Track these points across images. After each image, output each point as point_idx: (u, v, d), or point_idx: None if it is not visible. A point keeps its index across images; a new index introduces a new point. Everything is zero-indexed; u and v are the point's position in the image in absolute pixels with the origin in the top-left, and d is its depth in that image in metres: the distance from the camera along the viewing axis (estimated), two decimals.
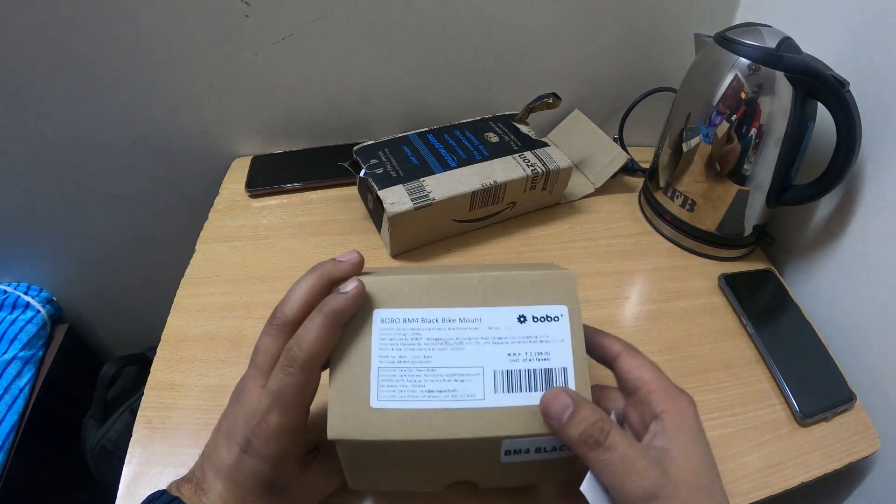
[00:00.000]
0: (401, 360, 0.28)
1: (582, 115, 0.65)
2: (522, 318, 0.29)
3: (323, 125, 0.64)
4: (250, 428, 0.27)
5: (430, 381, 0.28)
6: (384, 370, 0.28)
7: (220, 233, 0.54)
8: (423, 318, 0.29)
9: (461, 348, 0.29)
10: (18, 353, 0.70)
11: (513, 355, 0.29)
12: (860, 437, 0.42)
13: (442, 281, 0.30)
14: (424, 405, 0.27)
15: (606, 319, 0.49)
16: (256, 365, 0.29)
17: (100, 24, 0.52)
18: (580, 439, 0.26)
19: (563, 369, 0.29)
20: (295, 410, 0.27)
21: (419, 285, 0.30)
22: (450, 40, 0.58)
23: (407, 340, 0.29)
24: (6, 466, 0.63)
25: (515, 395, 0.28)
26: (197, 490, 0.28)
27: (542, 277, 0.31)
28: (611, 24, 0.59)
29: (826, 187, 0.46)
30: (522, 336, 0.29)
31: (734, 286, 0.51)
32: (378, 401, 0.27)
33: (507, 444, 0.28)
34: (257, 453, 0.27)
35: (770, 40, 0.45)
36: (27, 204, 0.67)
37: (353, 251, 0.31)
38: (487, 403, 0.28)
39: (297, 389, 0.27)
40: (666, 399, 0.29)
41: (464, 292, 0.30)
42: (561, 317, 0.30)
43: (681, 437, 0.27)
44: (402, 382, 0.28)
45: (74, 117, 0.59)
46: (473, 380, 0.28)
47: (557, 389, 0.28)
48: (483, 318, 0.29)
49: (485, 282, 0.30)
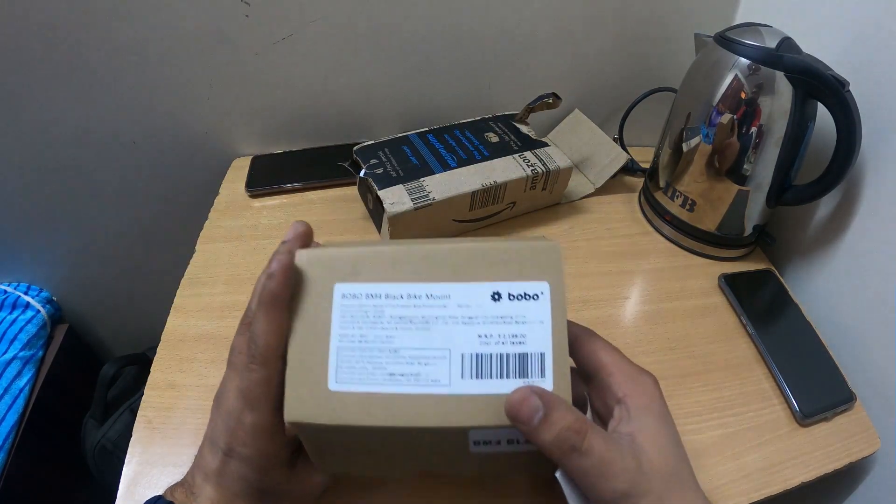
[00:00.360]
0: (362, 339, 0.26)
1: (582, 115, 0.65)
2: (497, 296, 0.26)
3: (323, 125, 0.64)
4: (229, 430, 0.27)
5: (392, 364, 0.26)
6: (344, 350, 0.26)
7: (220, 233, 0.54)
8: (387, 294, 0.26)
9: (427, 328, 0.26)
10: (18, 353, 0.70)
11: (484, 337, 0.26)
12: (860, 437, 0.42)
13: (409, 252, 0.27)
14: (385, 389, 0.25)
15: (606, 319, 0.49)
16: (232, 364, 0.29)
17: (100, 24, 0.52)
18: (553, 444, 0.24)
19: (539, 355, 0.26)
20: (265, 406, 0.27)
21: (384, 257, 0.27)
22: (450, 40, 0.58)
23: (369, 318, 0.26)
24: (6, 466, 0.63)
25: (485, 382, 0.25)
26: (189, 495, 0.28)
27: (522, 249, 0.27)
28: (611, 24, 0.59)
29: (826, 187, 0.46)
30: (496, 316, 0.26)
31: (734, 286, 0.51)
32: (336, 383, 0.25)
33: (475, 435, 0.26)
34: (238, 455, 0.27)
35: (770, 40, 0.45)
36: (27, 204, 0.67)
37: (297, 222, 0.29)
38: (453, 390, 0.25)
39: (263, 385, 0.26)
40: (626, 382, 0.28)
41: (433, 265, 0.27)
42: (541, 295, 0.26)
43: (646, 420, 0.27)
44: (362, 364, 0.26)
45: (75, 117, 0.59)
46: (439, 363, 0.26)
47: (524, 391, 0.25)
48: (452, 295, 0.26)
49: (457, 253, 0.27)
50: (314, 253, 0.27)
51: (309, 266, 0.27)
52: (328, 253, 0.27)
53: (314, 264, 0.27)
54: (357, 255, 0.27)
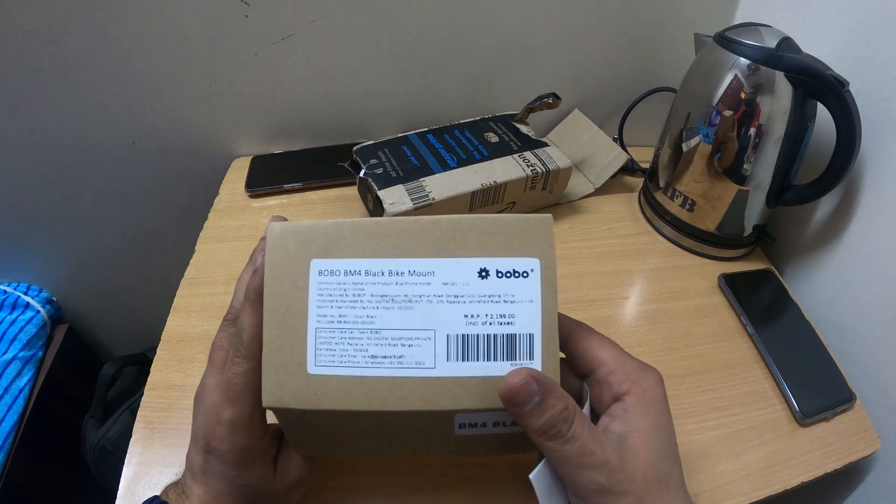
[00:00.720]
0: (341, 319, 0.25)
1: (582, 115, 0.65)
2: (484, 273, 0.25)
3: (323, 125, 0.64)
4: (208, 427, 0.27)
5: (374, 346, 0.24)
6: (322, 331, 0.25)
7: (220, 233, 0.54)
8: (367, 271, 0.25)
9: (410, 307, 0.25)
10: (18, 354, 0.70)
11: (470, 317, 0.25)
12: (860, 437, 0.42)
13: (390, 225, 0.25)
14: (367, 372, 0.24)
15: (606, 319, 0.49)
16: (211, 361, 0.29)
17: (99, 24, 0.52)
18: (541, 429, 0.24)
19: (528, 336, 0.25)
20: (245, 401, 0.26)
21: (362, 230, 0.25)
22: (450, 40, 0.58)
23: (348, 297, 0.25)
24: (6, 466, 0.63)
25: (471, 365, 0.24)
26: (181, 495, 0.28)
27: (511, 223, 0.25)
28: (611, 24, 0.59)
29: (826, 187, 0.46)
30: (483, 294, 0.25)
31: (734, 286, 0.51)
32: (316, 366, 0.24)
33: (461, 418, 0.26)
34: (216, 452, 0.27)
35: (770, 40, 0.45)
36: (27, 204, 0.67)
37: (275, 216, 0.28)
38: (438, 372, 0.24)
39: (244, 378, 0.26)
40: (628, 380, 0.27)
41: (416, 239, 0.25)
42: (531, 272, 0.25)
43: (643, 422, 0.26)
44: (342, 346, 0.24)
45: (75, 118, 0.59)
46: (423, 345, 0.24)
47: (524, 372, 0.24)
48: (437, 272, 0.25)
49: (441, 226, 0.25)
50: (287, 226, 0.26)
51: (282, 239, 0.25)
52: (303, 226, 0.26)
53: (289, 238, 0.25)
54: (334, 227, 0.26)
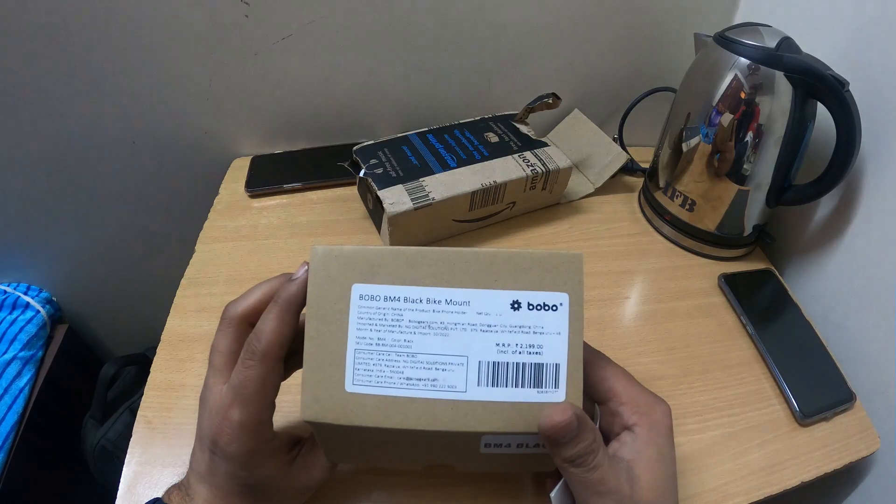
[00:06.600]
0: (379, 342, 0.26)
1: (582, 115, 0.65)
2: (517, 305, 0.27)
3: (323, 125, 0.64)
4: (214, 427, 0.27)
5: (410, 368, 0.26)
6: (361, 352, 0.26)
7: (220, 233, 0.54)
8: (406, 298, 0.26)
9: (445, 334, 0.26)
10: (18, 354, 0.70)
11: (502, 346, 0.26)
12: (860, 437, 0.42)
13: (430, 255, 0.27)
14: (402, 393, 0.26)
15: (607, 319, 0.49)
16: (212, 364, 0.29)
17: (99, 24, 0.52)
18: (570, 458, 0.26)
19: (555, 366, 0.26)
20: (256, 404, 0.27)
21: (403, 258, 0.27)
22: (450, 40, 0.58)
23: (387, 321, 0.26)
24: (6, 466, 0.63)
25: (500, 390, 0.26)
26: (185, 497, 0.28)
27: (544, 258, 0.27)
28: (610, 23, 0.59)
29: (826, 187, 0.46)
30: (515, 325, 0.26)
31: (734, 286, 0.51)
32: (353, 385, 0.26)
33: (488, 439, 0.27)
34: (223, 453, 0.27)
35: (770, 40, 0.45)
36: (27, 204, 0.67)
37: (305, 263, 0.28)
38: (469, 396, 0.26)
39: (258, 382, 0.27)
40: (638, 413, 0.28)
41: (453, 270, 0.27)
42: (560, 305, 0.27)
43: (648, 451, 0.27)
44: (379, 367, 0.26)
45: (74, 117, 0.59)
46: (456, 370, 0.26)
47: (569, 411, 0.25)
48: (472, 302, 0.26)
49: (478, 259, 0.27)
50: (331, 250, 0.27)
51: (325, 262, 0.27)
52: (346, 251, 0.27)
53: (331, 261, 0.27)
54: (375, 254, 0.27)
